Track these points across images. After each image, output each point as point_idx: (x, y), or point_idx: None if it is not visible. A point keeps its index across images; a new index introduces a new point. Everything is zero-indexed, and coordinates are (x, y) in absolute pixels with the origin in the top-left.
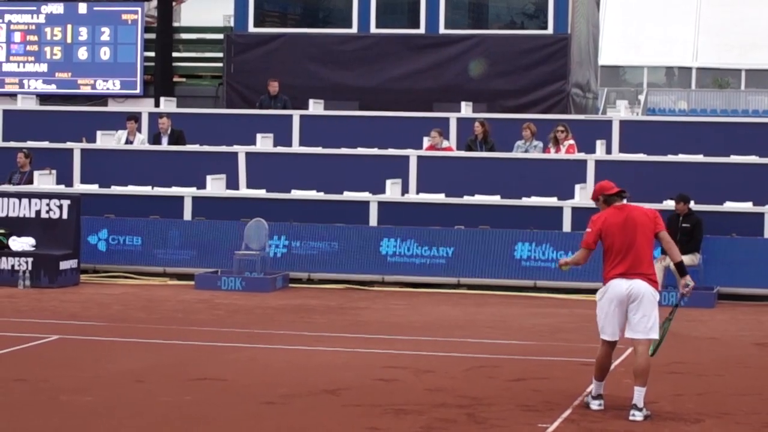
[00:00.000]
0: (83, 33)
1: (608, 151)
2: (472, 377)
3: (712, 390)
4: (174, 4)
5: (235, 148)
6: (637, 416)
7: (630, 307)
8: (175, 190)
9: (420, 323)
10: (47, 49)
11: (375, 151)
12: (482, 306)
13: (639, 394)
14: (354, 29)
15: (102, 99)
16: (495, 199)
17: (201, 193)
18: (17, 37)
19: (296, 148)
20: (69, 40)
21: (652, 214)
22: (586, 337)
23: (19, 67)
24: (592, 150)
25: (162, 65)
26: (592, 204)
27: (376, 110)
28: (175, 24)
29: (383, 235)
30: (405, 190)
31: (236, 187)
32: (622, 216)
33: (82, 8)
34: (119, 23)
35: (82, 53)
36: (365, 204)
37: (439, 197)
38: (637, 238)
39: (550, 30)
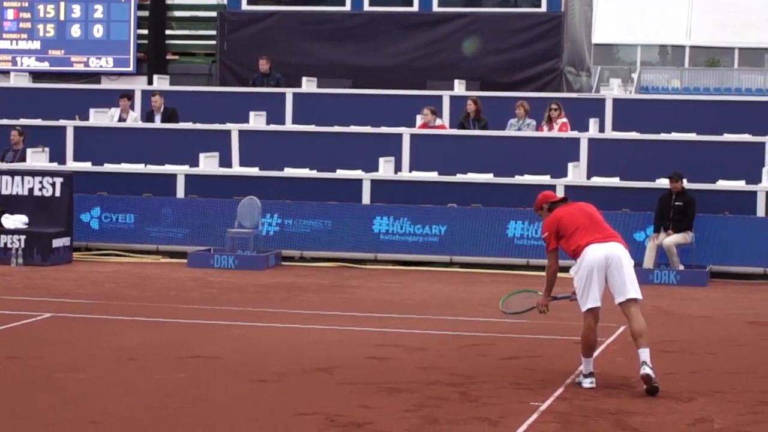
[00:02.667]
0: (76, 10)
1: (601, 129)
2: (464, 355)
3: (704, 368)
4: None
5: (228, 126)
6: (648, 369)
7: (609, 272)
8: (168, 168)
9: (413, 301)
10: (40, 26)
11: (368, 129)
12: (475, 284)
13: (645, 353)
14: (347, 7)
15: (95, 76)
16: (488, 177)
17: (194, 171)
18: (10, 14)
19: (289, 126)
20: (62, 18)
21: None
22: (580, 316)
23: (12, 44)
24: (585, 128)
25: (155, 43)
26: (585, 182)
27: (369, 88)
28: (169, 1)
29: (376, 213)
30: (398, 168)
31: (229, 165)
32: (571, 208)
33: None
34: (112, 0)
35: (75, 30)
36: (358, 182)
37: (432, 175)
38: (594, 214)
39: (543, 8)
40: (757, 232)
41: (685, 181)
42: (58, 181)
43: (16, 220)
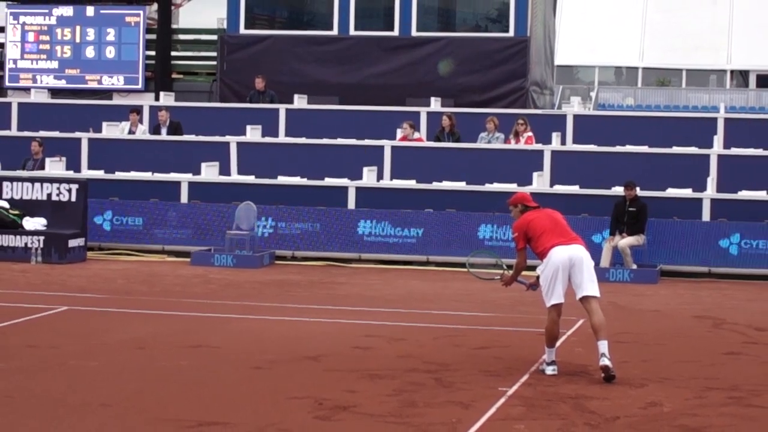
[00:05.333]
0: (90, 33)
1: (563, 142)
2: (440, 345)
3: (655, 357)
4: (173, 7)
5: (227, 138)
6: (607, 361)
7: (572, 271)
8: (173, 176)
9: (393, 297)
10: (58, 47)
11: (353, 141)
12: (449, 281)
13: (604, 346)
14: (335, 31)
15: (107, 93)
16: (461, 185)
17: (196, 178)
18: (31, 36)
19: (282, 138)
20: (78, 40)
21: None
22: (543, 310)
23: (32, 64)
24: (549, 141)
25: (162, 63)
26: (548, 190)
27: (354, 105)
28: (174, 26)
29: (360, 217)
30: (380, 176)
31: (228, 174)
32: (540, 213)
33: (90, 11)
34: (123, 25)
35: (90, 52)
36: (344, 189)
37: (411, 183)
38: (559, 220)
39: (511, 33)
40: (703, 235)
41: (638, 188)
42: (74, 187)
43: (35, 223)
